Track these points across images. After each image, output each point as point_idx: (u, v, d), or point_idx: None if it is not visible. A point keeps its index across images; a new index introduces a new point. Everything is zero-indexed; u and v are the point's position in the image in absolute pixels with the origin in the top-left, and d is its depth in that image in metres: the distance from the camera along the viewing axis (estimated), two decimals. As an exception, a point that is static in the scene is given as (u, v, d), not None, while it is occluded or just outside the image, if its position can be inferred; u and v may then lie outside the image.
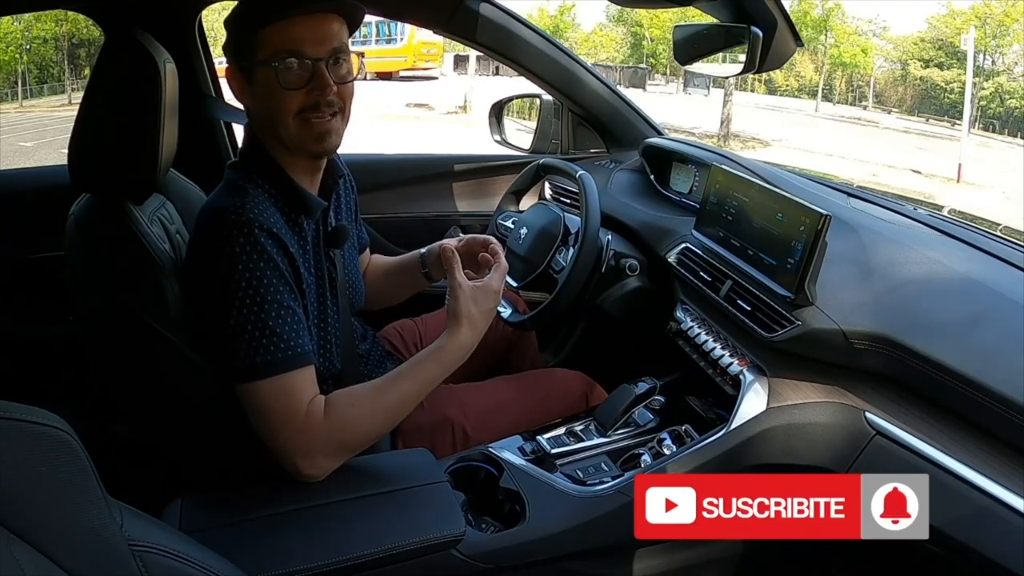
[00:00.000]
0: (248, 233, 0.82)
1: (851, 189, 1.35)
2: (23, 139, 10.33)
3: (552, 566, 0.92)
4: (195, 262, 0.87)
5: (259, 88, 0.88)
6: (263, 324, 0.82)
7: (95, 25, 1.44)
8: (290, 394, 0.84)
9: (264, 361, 0.82)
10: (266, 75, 0.86)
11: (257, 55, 0.86)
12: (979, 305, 0.91)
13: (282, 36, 0.85)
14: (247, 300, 0.82)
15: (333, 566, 0.77)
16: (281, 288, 0.84)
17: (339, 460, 0.87)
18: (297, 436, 0.84)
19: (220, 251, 0.82)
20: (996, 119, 17.49)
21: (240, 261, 0.82)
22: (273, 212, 0.87)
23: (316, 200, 0.94)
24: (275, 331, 0.83)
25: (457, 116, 14.17)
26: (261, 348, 0.82)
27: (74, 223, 0.89)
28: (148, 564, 0.51)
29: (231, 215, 0.83)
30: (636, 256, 1.33)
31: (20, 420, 0.46)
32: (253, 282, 0.82)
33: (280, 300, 0.84)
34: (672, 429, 1.09)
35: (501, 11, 1.56)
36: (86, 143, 0.88)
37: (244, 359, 0.82)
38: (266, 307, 0.82)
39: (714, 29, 1.12)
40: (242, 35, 0.87)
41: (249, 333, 0.82)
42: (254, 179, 0.89)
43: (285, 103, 0.87)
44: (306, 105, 0.87)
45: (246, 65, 0.88)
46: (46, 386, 1.37)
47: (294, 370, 0.84)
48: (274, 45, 0.86)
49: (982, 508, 0.78)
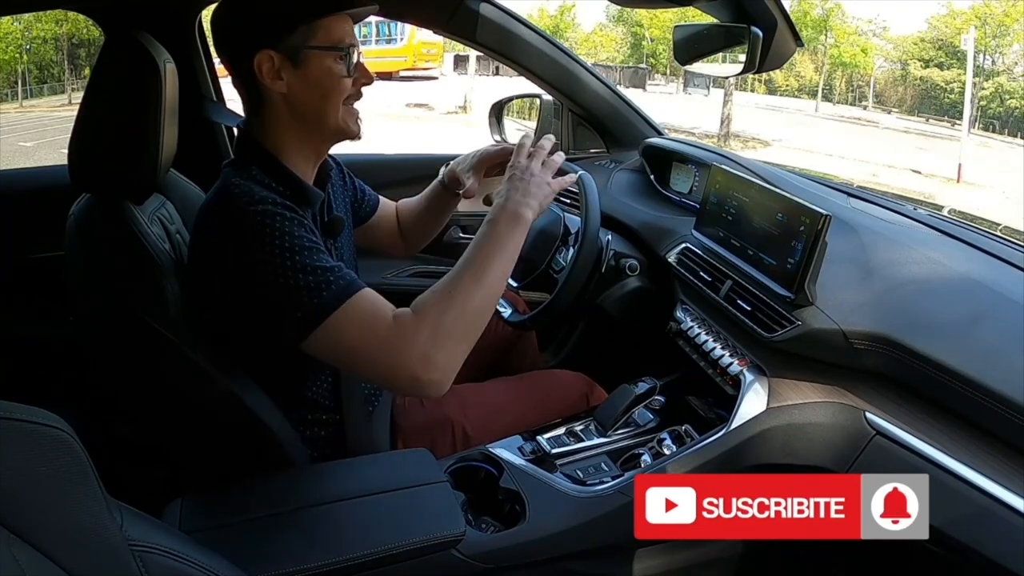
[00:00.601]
0: (255, 209, 0.82)
1: (851, 189, 1.35)
2: (23, 139, 10.34)
3: (552, 566, 0.92)
4: (209, 259, 0.86)
5: (312, 73, 0.89)
6: (311, 266, 0.81)
7: (95, 25, 1.44)
8: (370, 312, 0.82)
9: (330, 294, 0.80)
10: (324, 61, 0.89)
11: (312, 41, 0.88)
12: (979, 305, 0.91)
13: (343, 26, 0.90)
14: (285, 254, 0.81)
15: (333, 566, 0.77)
16: (307, 234, 0.84)
17: (452, 352, 0.82)
18: (396, 341, 0.80)
19: (236, 236, 0.82)
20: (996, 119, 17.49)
21: (257, 231, 0.81)
22: (276, 198, 0.87)
23: (315, 192, 0.95)
24: (324, 267, 0.82)
25: (457, 116, 14.18)
26: (321, 286, 0.80)
27: (74, 223, 0.89)
28: (148, 564, 0.51)
29: (239, 200, 0.83)
30: (636, 256, 1.33)
31: (20, 420, 0.46)
32: (283, 235, 0.81)
33: (314, 245, 0.83)
34: (672, 429, 1.09)
35: (501, 11, 1.56)
36: (86, 143, 0.88)
37: (308, 305, 0.80)
38: (305, 252, 0.82)
39: (714, 29, 1.12)
40: (293, 20, 0.87)
41: (303, 280, 0.80)
42: (253, 174, 0.89)
43: (341, 88, 0.91)
44: (352, 92, 0.93)
45: (294, 50, 0.88)
46: (46, 386, 1.37)
47: (360, 291, 0.82)
48: (338, 33, 0.89)
49: (982, 508, 0.78)
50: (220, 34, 0.90)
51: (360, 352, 0.81)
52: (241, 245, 0.82)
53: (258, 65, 0.88)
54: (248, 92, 0.91)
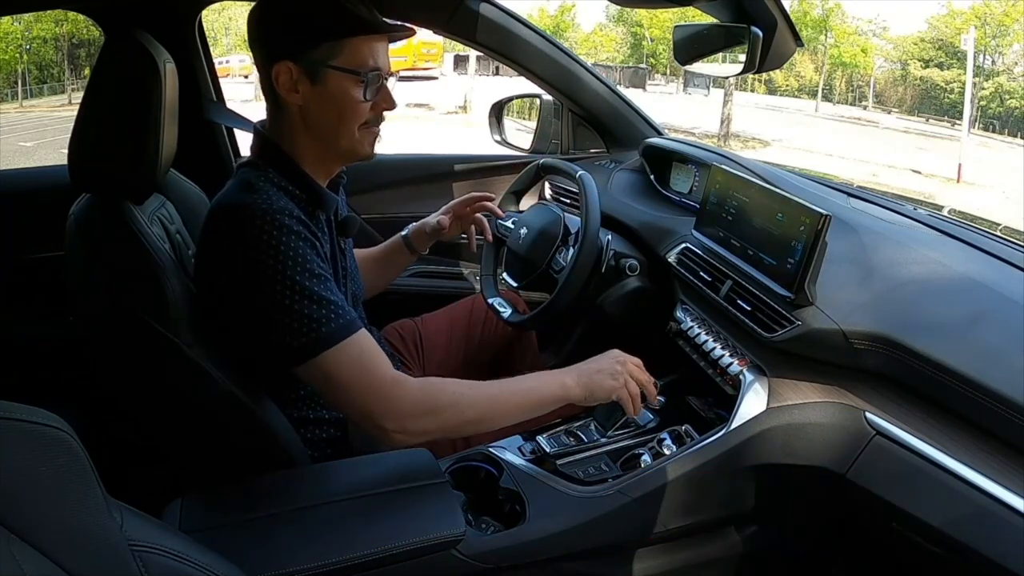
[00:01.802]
0: (272, 220, 0.82)
1: (851, 189, 1.35)
2: (23, 139, 10.34)
3: (552, 566, 0.92)
4: (217, 260, 0.86)
5: (329, 91, 0.88)
6: (316, 296, 0.82)
7: (95, 25, 1.44)
8: (368, 356, 0.84)
9: (330, 330, 0.82)
10: (343, 82, 0.88)
11: (336, 60, 0.87)
12: (979, 305, 0.91)
13: (372, 50, 0.88)
14: (295, 277, 0.81)
15: (333, 566, 0.77)
16: (318, 260, 0.85)
17: (427, 426, 0.86)
18: (387, 394, 0.83)
19: (248, 242, 0.81)
20: (996, 119, 17.50)
21: (272, 245, 0.81)
22: (291, 204, 0.87)
23: (331, 196, 0.95)
24: (329, 300, 0.82)
25: (457, 116, 14.19)
26: (323, 319, 0.81)
27: (74, 223, 0.89)
28: (148, 564, 0.51)
29: (251, 208, 0.83)
30: (636, 256, 1.33)
31: (20, 420, 0.46)
32: (296, 258, 0.82)
33: (323, 272, 0.84)
34: (672, 429, 1.09)
35: (501, 11, 1.56)
36: (86, 143, 0.87)
37: (308, 334, 0.81)
38: (314, 280, 0.82)
39: (714, 29, 1.11)
40: (318, 37, 0.86)
41: (306, 307, 0.81)
42: (270, 176, 0.89)
43: (358, 112, 0.90)
44: (371, 117, 0.92)
45: (314, 65, 0.87)
46: (46, 386, 1.37)
47: (360, 331, 0.84)
48: (363, 57, 0.88)
49: (982, 508, 0.78)
50: (250, 34, 0.91)
51: (347, 388, 0.84)
52: (252, 249, 0.81)
53: (276, 75, 0.88)
54: (268, 96, 0.92)
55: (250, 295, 0.82)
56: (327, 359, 0.82)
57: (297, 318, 0.81)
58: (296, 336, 0.82)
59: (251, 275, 0.82)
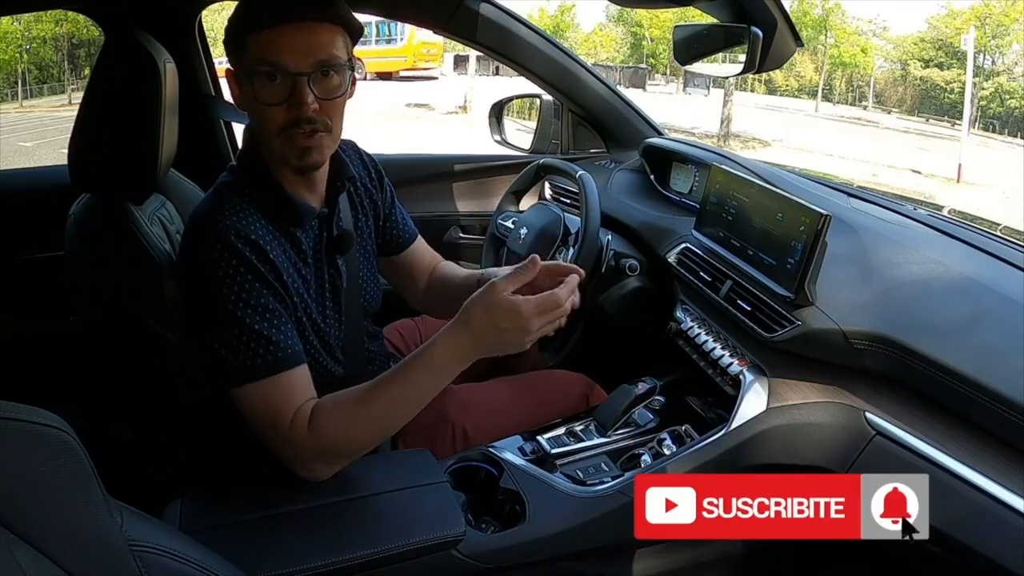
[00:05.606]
0: (225, 240, 0.81)
1: (851, 189, 1.35)
2: (23, 139, 10.33)
3: (552, 566, 0.92)
4: (182, 270, 0.86)
5: (244, 96, 0.85)
6: (248, 328, 0.81)
7: (95, 25, 1.44)
8: (277, 399, 0.83)
9: (253, 365, 0.81)
10: (252, 85, 0.82)
11: (243, 61, 0.82)
12: (979, 305, 0.91)
13: (267, 46, 0.80)
14: (229, 306, 0.81)
15: (333, 566, 0.77)
16: (264, 291, 0.83)
17: (334, 465, 0.86)
18: (285, 443, 0.83)
19: (199, 260, 0.81)
20: (996, 119, 17.49)
21: (220, 268, 0.81)
22: (256, 220, 0.85)
23: (307, 208, 0.90)
24: (261, 334, 0.81)
25: (457, 116, 14.17)
26: (250, 351, 0.81)
27: (74, 223, 0.89)
28: (148, 564, 0.51)
29: (209, 224, 0.82)
30: (636, 256, 1.33)
31: (20, 420, 0.46)
32: (235, 287, 0.81)
33: (264, 303, 0.82)
34: (672, 429, 1.09)
35: (501, 11, 1.56)
36: (86, 143, 0.88)
37: (232, 364, 0.81)
38: (249, 311, 0.81)
39: (714, 29, 1.12)
40: (236, 39, 0.83)
41: (236, 337, 0.81)
42: (239, 187, 0.87)
43: (267, 117, 0.82)
44: (286, 122, 0.82)
45: (238, 71, 0.84)
46: (46, 386, 1.37)
47: (280, 373, 0.82)
48: (257, 55, 0.80)
49: (982, 508, 0.78)
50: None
51: (256, 425, 0.83)
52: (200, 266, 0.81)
53: (226, 79, 0.87)
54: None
55: (198, 312, 0.83)
56: (239, 392, 0.82)
57: (225, 343, 0.81)
58: (219, 359, 0.82)
59: (197, 289, 0.82)
